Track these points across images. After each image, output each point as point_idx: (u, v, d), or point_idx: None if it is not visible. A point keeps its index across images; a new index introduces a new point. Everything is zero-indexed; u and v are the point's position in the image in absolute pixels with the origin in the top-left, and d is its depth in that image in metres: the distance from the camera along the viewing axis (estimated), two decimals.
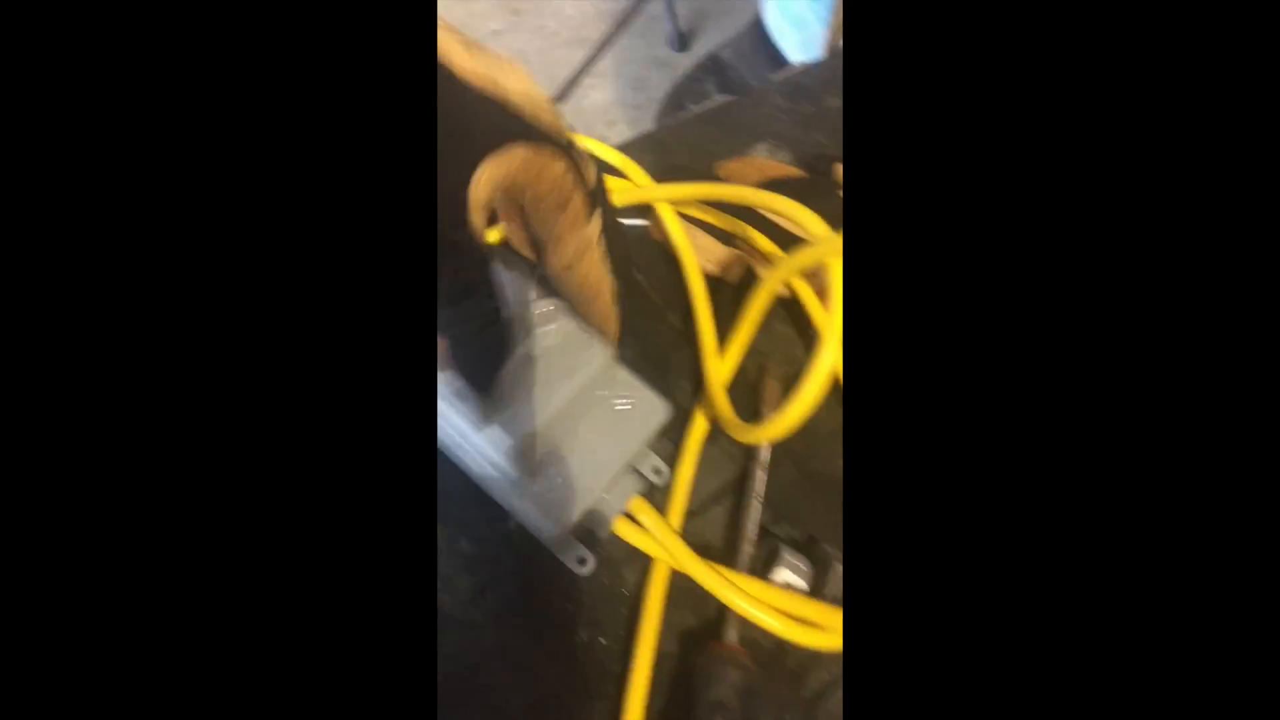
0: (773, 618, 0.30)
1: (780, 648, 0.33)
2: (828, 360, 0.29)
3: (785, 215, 0.35)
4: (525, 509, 0.30)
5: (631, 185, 0.42)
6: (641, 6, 1.55)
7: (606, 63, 1.49)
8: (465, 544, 0.35)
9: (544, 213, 0.25)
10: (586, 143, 0.43)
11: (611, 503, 0.32)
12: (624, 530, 0.33)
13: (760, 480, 0.35)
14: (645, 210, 0.42)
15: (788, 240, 0.41)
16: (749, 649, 0.32)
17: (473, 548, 0.35)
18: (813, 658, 0.32)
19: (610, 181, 0.42)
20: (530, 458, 0.29)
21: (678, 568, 0.31)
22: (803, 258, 0.35)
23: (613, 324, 0.30)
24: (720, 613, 0.33)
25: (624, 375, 0.32)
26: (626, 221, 0.43)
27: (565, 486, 0.30)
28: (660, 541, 0.32)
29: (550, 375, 0.29)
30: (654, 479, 0.34)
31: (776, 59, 0.62)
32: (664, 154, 0.47)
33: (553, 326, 0.30)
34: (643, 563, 0.34)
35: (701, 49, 1.48)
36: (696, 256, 0.40)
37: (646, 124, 1.41)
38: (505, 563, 0.35)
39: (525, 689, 0.32)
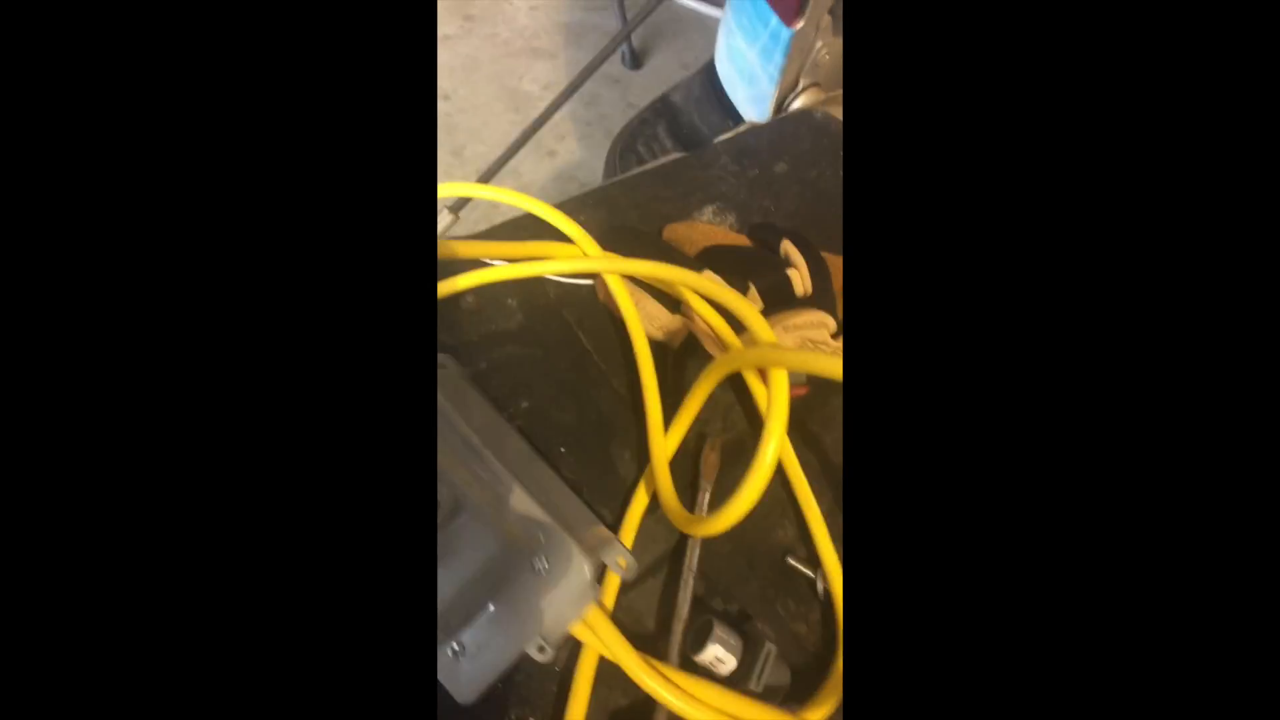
0: (699, 712, 0.31)
1: None
2: (769, 457, 0.30)
3: (736, 314, 0.36)
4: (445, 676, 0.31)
5: (578, 252, 0.42)
6: (594, 22, 1.54)
7: (559, 76, 1.48)
8: None
9: None
10: (537, 206, 0.43)
11: (569, 612, 0.32)
12: (578, 634, 0.33)
13: (694, 554, 0.35)
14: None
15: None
16: None
17: None
18: None
19: (556, 248, 0.42)
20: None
21: (608, 656, 0.31)
22: (751, 357, 0.36)
23: None
24: (648, 700, 0.33)
25: (548, 533, 0.32)
26: (573, 280, 0.43)
27: (476, 659, 0.30)
28: (594, 630, 0.32)
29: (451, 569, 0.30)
30: (619, 572, 0.34)
31: (727, 109, 0.63)
32: (613, 212, 0.47)
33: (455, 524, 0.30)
34: (575, 642, 0.34)
35: (654, 66, 1.49)
36: (642, 324, 0.40)
37: (597, 139, 1.40)
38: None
39: None
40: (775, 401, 0.31)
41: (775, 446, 0.30)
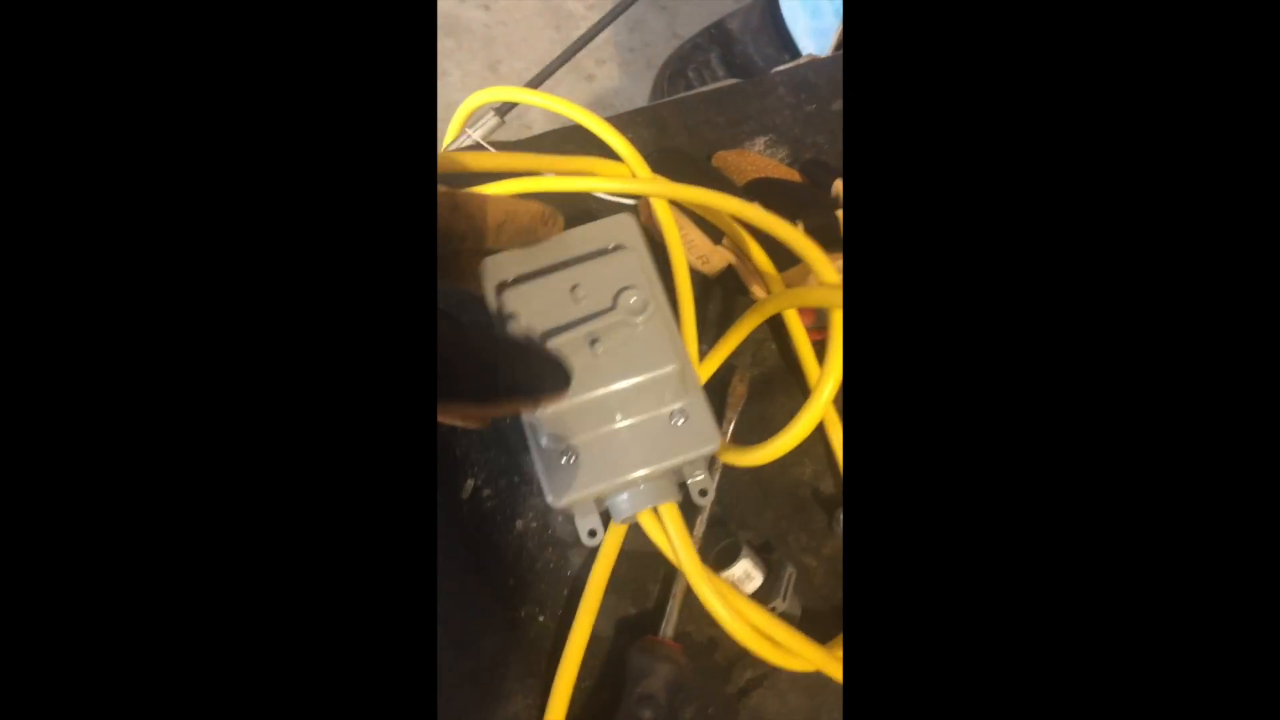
0: (759, 643, 0.31)
1: (711, 643, 0.34)
2: (825, 396, 0.30)
3: (798, 251, 0.35)
4: (538, 473, 0.30)
5: (626, 171, 0.41)
6: None
7: None
8: None
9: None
10: (589, 119, 0.42)
11: (641, 498, 0.31)
12: (645, 521, 0.33)
13: (714, 481, 0.36)
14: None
15: (779, 253, 0.40)
16: (682, 642, 0.33)
17: None
18: (740, 654, 0.34)
19: (603, 165, 0.41)
20: (558, 431, 0.29)
21: (687, 577, 0.31)
22: (809, 297, 0.36)
23: (535, 208, 0.29)
24: (660, 606, 0.34)
25: (695, 396, 0.30)
26: (617, 199, 0.42)
27: (577, 468, 0.29)
28: (677, 550, 0.32)
29: (605, 364, 0.28)
30: (696, 499, 0.34)
31: (785, 41, 0.61)
32: (662, 132, 0.46)
33: (638, 319, 0.28)
34: (587, 549, 0.34)
35: None
36: (685, 252, 0.39)
37: (637, 66, 1.36)
38: (451, 535, 0.35)
39: (463, 659, 0.33)
40: (836, 345, 0.31)
41: (833, 386, 0.30)
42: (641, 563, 0.35)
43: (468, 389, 0.25)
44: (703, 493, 0.34)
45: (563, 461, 0.29)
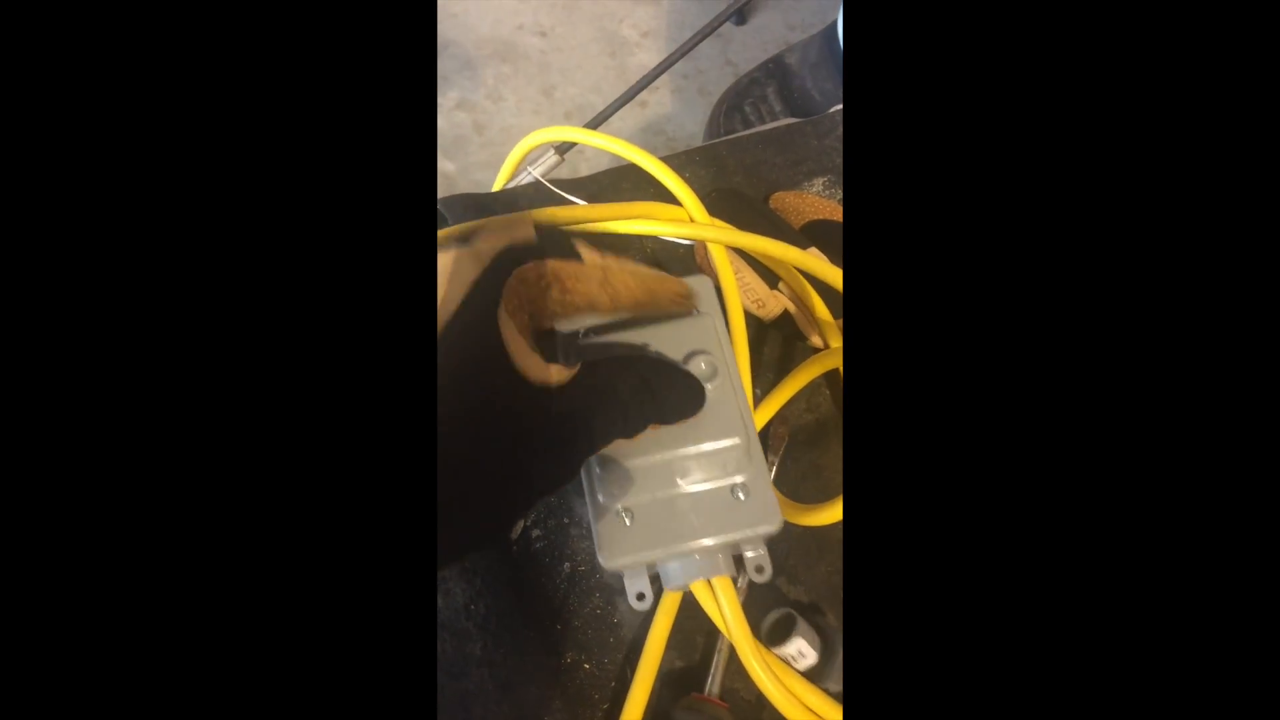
0: (796, 709, 0.30)
1: (759, 702, 0.33)
2: None
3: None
4: (593, 530, 0.29)
5: (684, 214, 0.41)
6: None
7: (661, 23, 1.44)
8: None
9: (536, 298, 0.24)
10: (646, 160, 0.42)
11: (695, 570, 0.30)
12: (697, 588, 0.32)
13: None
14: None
15: (838, 301, 0.40)
16: (728, 700, 0.32)
17: (471, 558, 0.35)
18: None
19: (660, 209, 0.41)
20: (618, 490, 0.28)
21: (739, 653, 0.30)
22: None
23: (676, 288, 0.27)
24: (705, 662, 0.33)
25: (759, 472, 0.29)
26: (673, 239, 0.42)
27: (633, 531, 0.29)
28: (729, 623, 0.30)
29: (672, 427, 0.27)
30: (754, 576, 0.32)
31: (844, 76, 0.60)
32: (720, 171, 0.46)
33: (708, 386, 0.28)
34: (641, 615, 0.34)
35: (759, 24, 1.43)
36: (740, 296, 0.39)
37: (689, 94, 1.37)
38: (500, 575, 0.35)
39: (506, 702, 0.33)
40: None
41: None
42: (686, 613, 0.34)
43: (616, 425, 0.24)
44: (759, 569, 0.32)
45: (620, 522, 0.28)
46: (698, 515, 0.28)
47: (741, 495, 0.28)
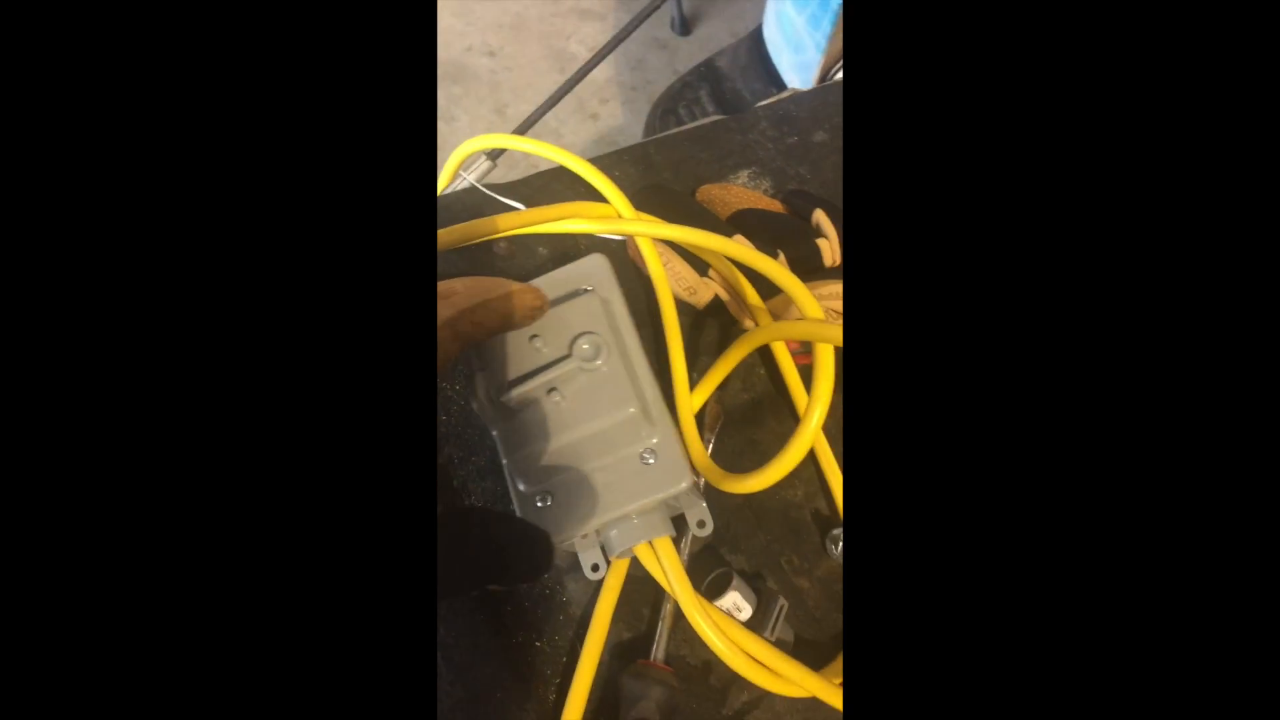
0: (754, 671, 0.32)
1: (706, 666, 0.35)
2: (814, 423, 0.31)
3: (779, 284, 0.36)
4: (519, 515, 0.31)
5: (612, 211, 0.43)
6: None
7: (608, 38, 1.47)
8: None
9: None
10: (573, 161, 0.44)
11: (634, 534, 0.32)
12: (640, 551, 0.34)
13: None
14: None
15: (764, 283, 0.42)
16: (675, 666, 0.34)
17: None
18: (734, 678, 0.34)
19: (589, 208, 0.43)
20: (531, 476, 0.30)
21: (682, 608, 0.32)
22: (792, 331, 0.37)
23: (531, 300, 0.29)
24: (651, 632, 0.34)
25: (666, 434, 0.32)
26: (603, 235, 0.44)
27: (553, 511, 0.30)
28: (671, 580, 0.33)
29: (566, 411, 0.29)
30: (695, 531, 0.34)
31: (771, 76, 0.63)
32: (649, 170, 0.48)
33: (594, 365, 0.29)
34: (582, 575, 0.35)
35: (703, 34, 1.47)
36: (670, 284, 0.40)
37: (640, 104, 1.40)
38: None
39: (460, 684, 0.34)
40: (822, 373, 0.32)
41: (821, 414, 0.31)
42: (633, 587, 0.36)
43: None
44: (701, 524, 0.35)
45: (539, 504, 0.30)
46: (611, 487, 0.30)
47: (650, 459, 0.30)
